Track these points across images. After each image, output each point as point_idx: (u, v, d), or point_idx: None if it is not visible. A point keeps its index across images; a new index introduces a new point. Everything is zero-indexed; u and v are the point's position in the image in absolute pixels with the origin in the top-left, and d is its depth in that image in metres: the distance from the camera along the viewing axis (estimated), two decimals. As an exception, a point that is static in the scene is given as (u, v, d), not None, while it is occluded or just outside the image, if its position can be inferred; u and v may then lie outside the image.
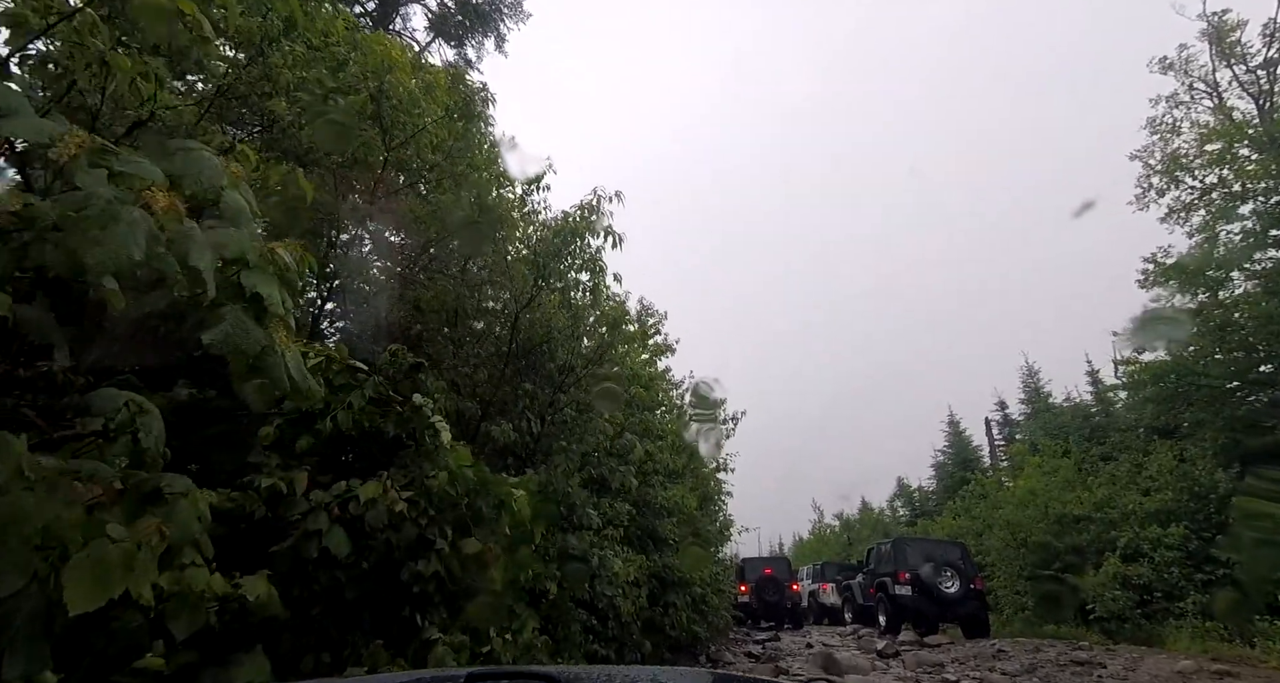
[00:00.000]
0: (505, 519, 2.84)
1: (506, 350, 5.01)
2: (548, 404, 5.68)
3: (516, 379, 5.56)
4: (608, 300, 5.48)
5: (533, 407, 5.42)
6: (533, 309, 5.02)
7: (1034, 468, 16.97)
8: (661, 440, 8.06)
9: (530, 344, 5.73)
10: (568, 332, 5.78)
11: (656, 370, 10.39)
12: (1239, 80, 15.90)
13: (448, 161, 4.34)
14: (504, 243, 4.75)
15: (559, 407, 5.63)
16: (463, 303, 4.62)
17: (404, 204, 4.13)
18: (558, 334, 5.60)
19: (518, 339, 5.25)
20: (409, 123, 3.90)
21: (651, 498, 8.35)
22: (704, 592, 9.88)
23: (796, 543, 50.15)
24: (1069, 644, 10.65)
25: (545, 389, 5.69)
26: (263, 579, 1.80)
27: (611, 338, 5.54)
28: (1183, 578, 10.95)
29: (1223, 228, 14.17)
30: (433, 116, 4.03)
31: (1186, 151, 15.87)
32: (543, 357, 5.60)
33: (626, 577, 5.11)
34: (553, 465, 4.50)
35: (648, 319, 15.14)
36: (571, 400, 5.26)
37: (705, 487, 12.99)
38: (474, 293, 4.86)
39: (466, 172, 4.50)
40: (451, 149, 4.31)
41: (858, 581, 17.82)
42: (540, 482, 4.47)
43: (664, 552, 9.15)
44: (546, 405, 5.68)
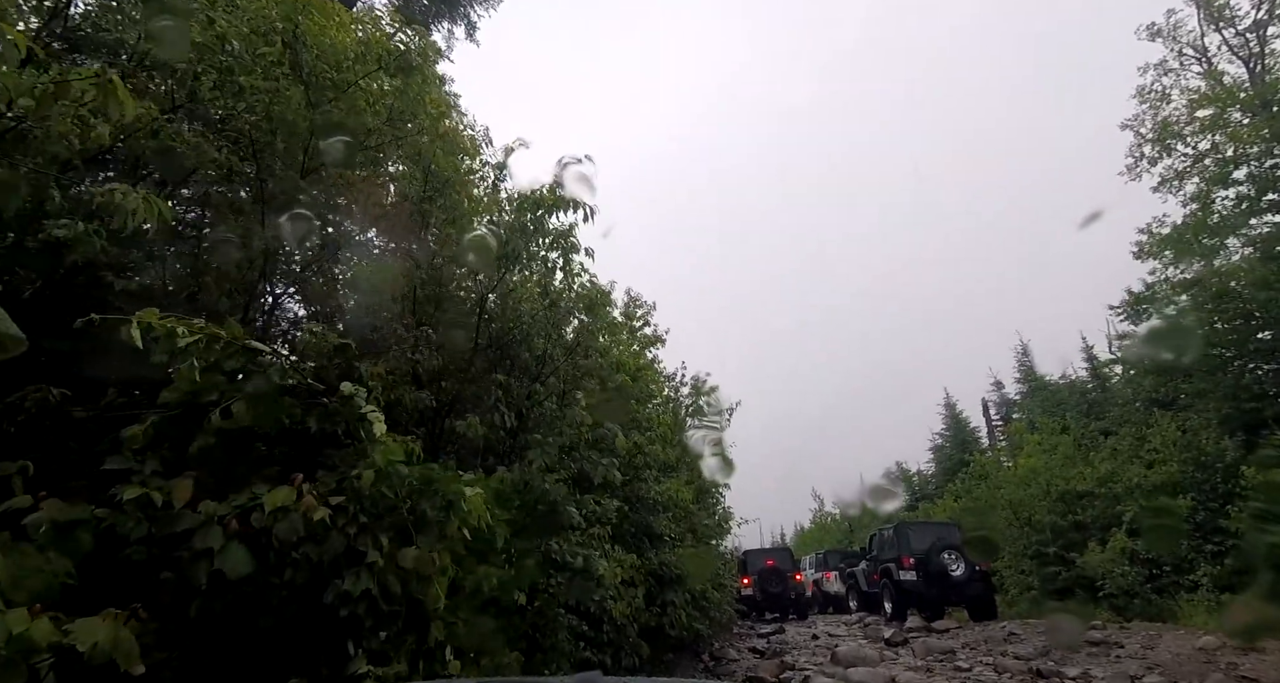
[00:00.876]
0: (454, 522, 2.43)
1: (474, 338, 4.60)
2: (524, 397, 5.28)
3: (488, 370, 5.15)
4: (579, 277, 5.08)
5: (507, 400, 5.02)
6: (502, 293, 4.61)
7: (1033, 446, 16.75)
8: (651, 432, 7.67)
9: (502, 332, 5.32)
10: (544, 318, 5.37)
11: (645, 361, 9.98)
12: (1228, 44, 15.62)
13: (389, 126, 3.89)
14: (464, 218, 4.31)
15: (537, 399, 5.23)
16: (419, 285, 4.20)
17: (338, 176, 3.70)
18: (531, 320, 5.18)
19: (487, 326, 4.84)
20: (337, 79, 3.46)
21: (644, 493, 7.97)
22: (704, 588, 9.53)
23: (798, 532, 50.05)
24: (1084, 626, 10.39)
25: (521, 381, 5.29)
26: (107, 621, 1.40)
27: (591, 321, 5.11)
28: (1192, 550, 10.71)
29: (1217, 193, 13.89)
30: (366, 71, 3.58)
31: (1177, 119, 15.58)
32: (517, 345, 5.19)
33: (614, 579, 4.72)
34: (527, 462, 4.09)
35: (636, 310, 14.83)
36: (550, 392, 4.86)
37: (702, 479, 12.67)
38: (432, 274, 4.43)
39: (413, 138, 4.05)
40: (392, 110, 3.86)
41: (861, 568, 17.57)
42: (514, 480, 4.07)
43: (660, 549, 8.78)
44: (523, 398, 5.28)
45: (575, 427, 4.61)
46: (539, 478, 4.05)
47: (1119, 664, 6.57)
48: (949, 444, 29.93)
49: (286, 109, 3.30)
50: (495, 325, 4.97)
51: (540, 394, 4.99)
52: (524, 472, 4.06)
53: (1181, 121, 15.44)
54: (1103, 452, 14.30)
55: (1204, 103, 14.94)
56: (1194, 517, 11.11)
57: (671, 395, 13.23)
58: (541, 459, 4.16)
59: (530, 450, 4.15)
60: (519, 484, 4.09)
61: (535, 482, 4.07)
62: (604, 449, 5.07)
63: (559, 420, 4.65)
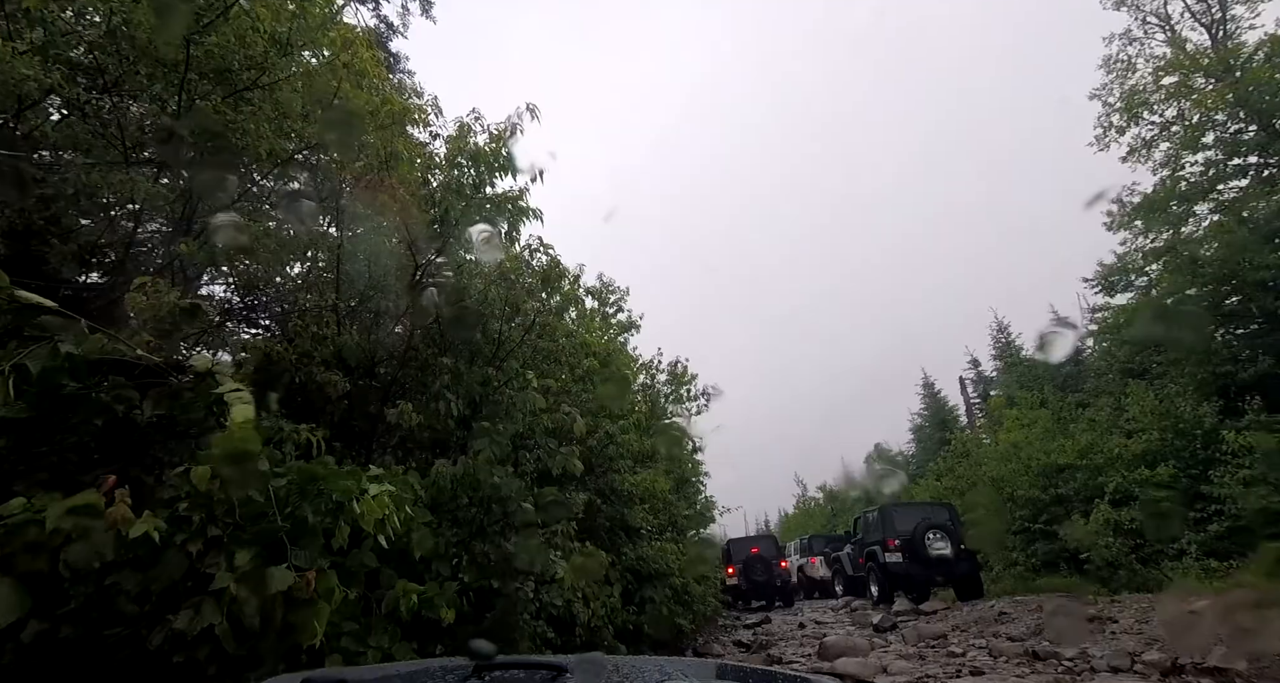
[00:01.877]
0: (344, 529, 1.91)
1: (410, 314, 4.04)
2: (479, 383, 4.74)
3: (438, 354, 4.59)
4: (539, 253, 4.52)
5: (456, 386, 4.47)
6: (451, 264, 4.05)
7: (1012, 421, 16.70)
8: (624, 420, 7.17)
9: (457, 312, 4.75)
10: (498, 296, 4.81)
11: (615, 345, 9.47)
12: (1190, 11, 15.59)
13: (280, 55, 3.26)
14: (387, 167, 3.71)
15: (494, 386, 4.69)
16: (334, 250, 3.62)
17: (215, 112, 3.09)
18: (483, 298, 4.63)
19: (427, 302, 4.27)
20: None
21: (617, 485, 7.49)
22: (685, 581, 9.10)
23: (782, 518, 50.25)
24: (1070, 598, 10.23)
25: (475, 365, 4.74)
26: None
27: (549, 298, 4.58)
28: (1175, 517, 10.64)
29: (1187, 158, 13.84)
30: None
31: (1144, 87, 15.52)
32: (466, 326, 4.64)
33: (577, 581, 4.23)
34: (473, 454, 3.57)
35: (609, 295, 14.30)
36: (508, 377, 4.33)
37: (681, 469, 12.25)
38: (352, 238, 3.85)
39: (311, 71, 3.45)
40: (279, 35, 3.22)
41: (846, 551, 17.40)
42: (454, 475, 3.54)
43: (637, 543, 8.32)
44: (478, 384, 4.73)
45: (529, 412, 4.08)
46: (486, 471, 3.53)
47: (1116, 641, 6.31)
48: (929, 424, 30.07)
49: (143, 29, 2.68)
50: (439, 301, 4.41)
51: (497, 380, 4.45)
52: (469, 465, 3.53)
53: (1148, 90, 15.40)
54: (1081, 423, 14.24)
55: (1168, 70, 14.89)
56: (1176, 484, 11.05)
57: (648, 383, 12.80)
58: (490, 450, 3.63)
59: (476, 440, 3.62)
60: (463, 479, 3.56)
61: (483, 476, 3.55)
62: (564, 436, 4.56)
63: (512, 407, 4.12)
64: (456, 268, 4.36)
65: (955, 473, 17.66)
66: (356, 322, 3.81)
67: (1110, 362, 17.73)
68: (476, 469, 3.51)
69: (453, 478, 3.45)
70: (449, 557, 3.81)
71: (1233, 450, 10.07)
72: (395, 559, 3.74)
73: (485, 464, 3.51)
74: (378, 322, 4.05)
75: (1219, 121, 14.04)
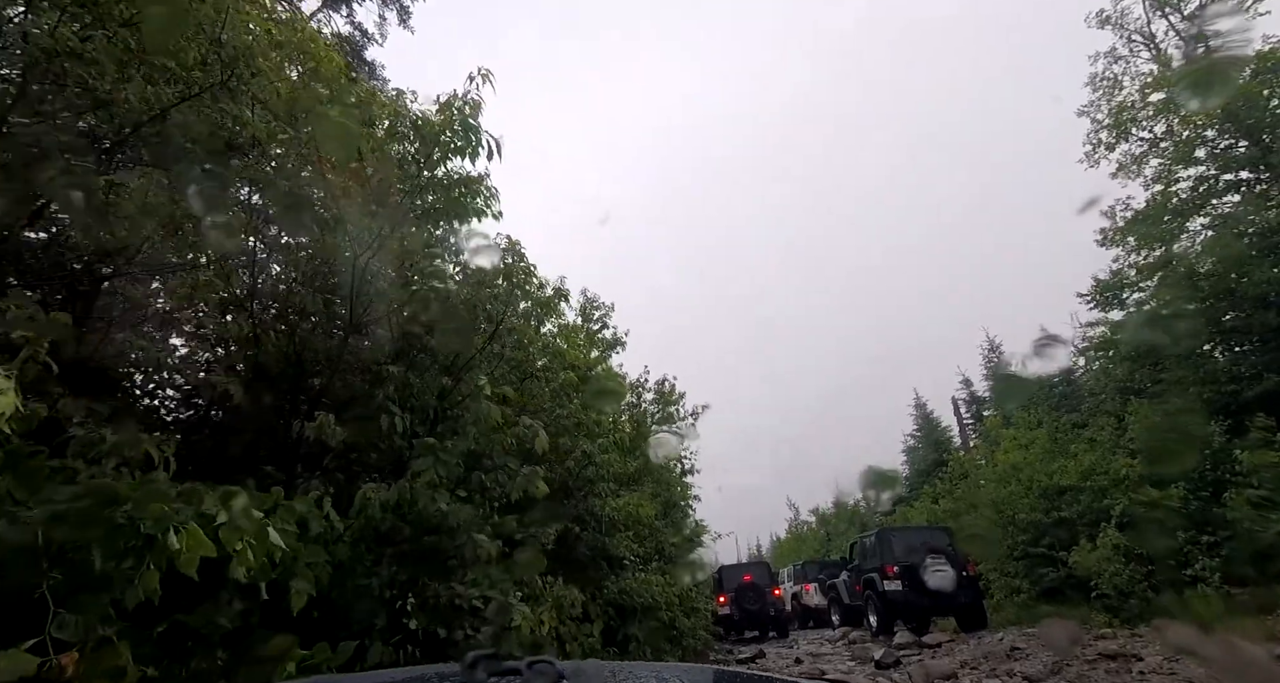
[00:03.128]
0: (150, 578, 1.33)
1: (348, 315, 3.48)
2: (436, 396, 4.16)
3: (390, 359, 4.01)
4: (483, 237, 4.02)
5: (404, 398, 3.90)
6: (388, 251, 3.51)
7: (1009, 441, 16.23)
8: (604, 439, 6.58)
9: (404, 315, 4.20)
10: (460, 295, 4.27)
11: (596, 359, 8.91)
12: (1175, 29, 15.66)
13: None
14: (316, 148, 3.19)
15: (453, 399, 4.13)
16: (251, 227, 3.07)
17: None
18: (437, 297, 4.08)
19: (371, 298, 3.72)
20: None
21: (597, 509, 6.87)
22: (672, 615, 8.42)
23: (775, 543, 49.25)
24: (1084, 631, 9.61)
25: (429, 375, 4.17)
26: None
27: (511, 294, 4.04)
28: (1187, 543, 10.12)
29: (1180, 172, 13.70)
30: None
31: (1132, 104, 15.50)
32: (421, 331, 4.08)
33: (539, 625, 3.61)
34: (411, 475, 2.99)
35: (593, 312, 13.78)
36: (470, 390, 3.76)
37: (669, 493, 11.60)
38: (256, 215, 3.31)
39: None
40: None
41: (843, 578, 16.68)
42: (384, 501, 2.95)
43: (620, 575, 7.66)
44: (433, 397, 4.16)
45: (483, 427, 3.51)
46: (427, 497, 2.94)
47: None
48: (921, 445, 29.56)
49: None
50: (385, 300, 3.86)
51: (457, 394, 3.88)
52: (404, 489, 2.94)
53: (1135, 106, 15.37)
54: (1081, 443, 13.77)
55: (1155, 86, 14.88)
56: (1186, 507, 10.55)
57: (634, 402, 12.22)
58: (434, 471, 3.04)
59: (418, 460, 3.04)
60: (400, 506, 2.97)
61: (424, 502, 2.96)
62: (527, 456, 3.97)
63: (463, 421, 3.55)
64: (406, 264, 3.82)
65: (954, 495, 17.08)
66: (283, 323, 3.25)
67: (1107, 380, 17.41)
68: (416, 494, 2.92)
69: (384, 505, 2.85)
70: (383, 600, 3.19)
71: (1246, 471, 9.62)
72: (321, 607, 3.11)
73: (425, 488, 2.92)
74: (308, 325, 3.49)
75: (1209, 137, 13.97)
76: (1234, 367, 11.83)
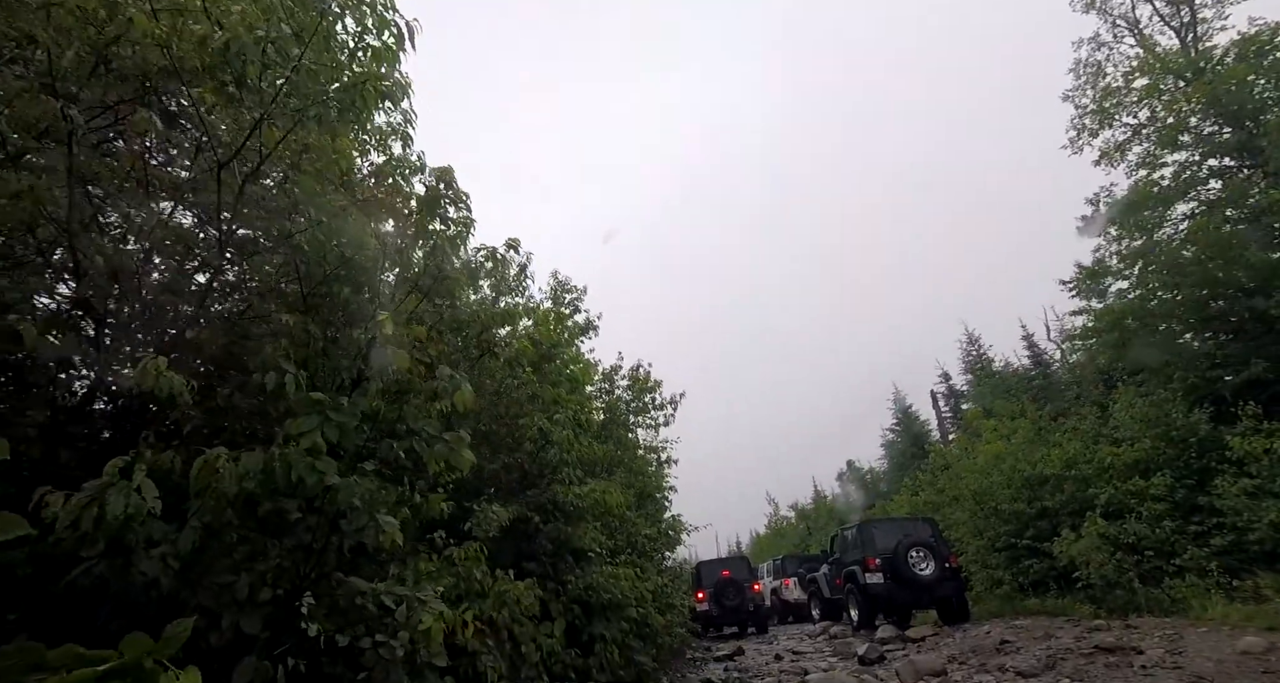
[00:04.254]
0: None
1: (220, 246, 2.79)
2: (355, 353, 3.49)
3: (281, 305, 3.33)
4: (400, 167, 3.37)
5: (294, 350, 3.23)
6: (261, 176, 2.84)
7: (990, 432, 15.98)
8: (562, 415, 5.93)
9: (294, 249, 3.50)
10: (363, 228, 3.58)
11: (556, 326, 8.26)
12: (1160, 14, 15.47)
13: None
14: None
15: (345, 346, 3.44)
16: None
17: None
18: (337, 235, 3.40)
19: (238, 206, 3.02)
20: None
21: (560, 498, 6.24)
22: (645, 612, 7.82)
23: (753, 539, 49.07)
24: (1073, 622, 9.27)
25: (333, 327, 3.50)
26: None
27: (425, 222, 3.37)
28: (1175, 532, 9.83)
29: (1166, 157, 13.48)
30: None
31: (1117, 89, 15.28)
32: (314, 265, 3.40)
33: (457, 625, 2.97)
34: (283, 439, 2.33)
35: (564, 295, 13.13)
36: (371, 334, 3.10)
37: (643, 482, 11.01)
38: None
39: None
40: None
41: (823, 572, 16.31)
42: (240, 472, 2.28)
43: (585, 569, 7.04)
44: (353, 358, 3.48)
45: (388, 379, 2.86)
46: (305, 466, 2.29)
47: (1152, 678, 5.28)
48: (901, 439, 29.43)
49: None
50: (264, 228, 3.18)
51: (363, 340, 3.21)
52: (273, 457, 2.29)
53: (1120, 92, 15.16)
54: (1065, 432, 13.51)
55: (1140, 71, 14.67)
56: (1172, 495, 10.28)
57: (606, 387, 11.59)
58: (318, 434, 2.39)
59: (299, 421, 2.38)
60: (268, 477, 2.31)
61: (303, 473, 2.31)
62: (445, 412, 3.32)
63: (356, 366, 2.89)
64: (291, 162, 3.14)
65: (936, 486, 16.78)
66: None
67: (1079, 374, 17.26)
68: (291, 462, 2.27)
69: (243, 478, 2.20)
70: (258, 602, 2.53)
71: (1237, 459, 9.34)
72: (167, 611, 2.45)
73: (302, 455, 2.27)
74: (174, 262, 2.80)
75: (1192, 125, 13.78)
76: (1218, 352, 11.60)
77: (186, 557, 2.41)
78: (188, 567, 2.51)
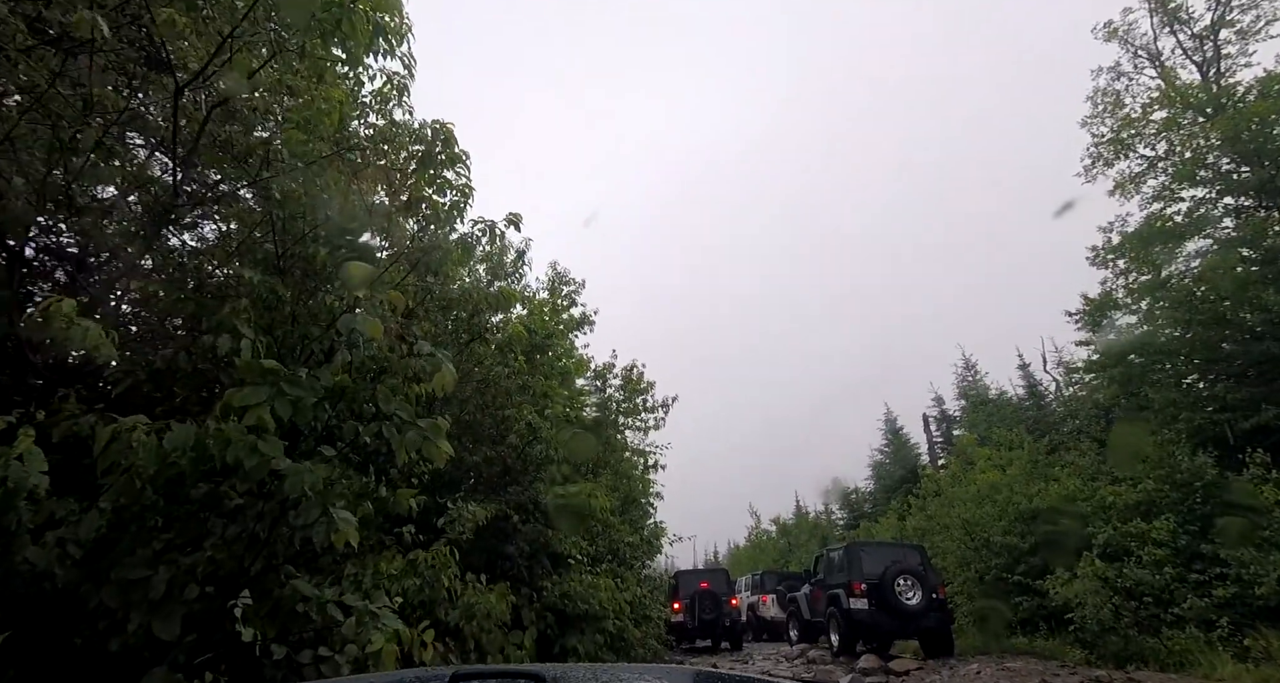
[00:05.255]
0: None
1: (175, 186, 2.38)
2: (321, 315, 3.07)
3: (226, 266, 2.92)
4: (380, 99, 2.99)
5: (272, 321, 2.81)
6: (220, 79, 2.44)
7: (984, 461, 15.66)
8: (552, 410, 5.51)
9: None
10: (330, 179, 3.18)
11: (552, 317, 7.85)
12: (1182, 48, 15.30)
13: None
14: None
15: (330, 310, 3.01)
16: None
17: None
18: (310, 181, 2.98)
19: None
20: None
21: (541, 497, 5.82)
22: (621, 625, 7.39)
23: (732, 551, 48.62)
24: (1068, 668, 8.90)
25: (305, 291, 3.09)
26: None
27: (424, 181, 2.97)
28: (1176, 579, 9.50)
29: (1184, 191, 13.25)
30: None
31: (1135, 121, 15.09)
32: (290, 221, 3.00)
33: (413, 645, 2.54)
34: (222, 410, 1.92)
35: (561, 288, 12.73)
36: (336, 299, 2.69)
37: (629, 486, 10.59)
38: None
39: None
40: None
41: (804, 592, 15.90)
42: (170, 448, 1.86)
43: (564, 576, 6.61)
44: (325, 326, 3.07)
45: (359, 352, 2.44)
46: (244, 446, 1.87)
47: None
48: (890, 461, 29.13)
49: None
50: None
51: (338, 308, 2.80)
52: (206, 432, 1.87)
53: (1139, 123, 14.97)
54: (1067, 467, 13.20)
55: (1161, 103, 14.48)
56: (1175, 541, 9.95)
57: (599, 384, 11.19)
58: (268, 410, 1.97)
59: (243, 391, 1.96)
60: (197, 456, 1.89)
61: (241, 454, 1.88)
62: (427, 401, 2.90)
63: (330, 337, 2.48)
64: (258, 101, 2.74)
65: (926, 512, 16.44)
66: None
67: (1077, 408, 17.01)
68: (230, 440, 1.85)
69: (169, 453, 1.77)
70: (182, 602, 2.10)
71: (1247, 506, 9.02)
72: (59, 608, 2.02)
73: (242, 432, 1.85)
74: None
75: (1209, 161, 13.59)
76: (1227, 395, 11.33)
77: (88, 545, 1.99)
78: (92, 557, 2.09)
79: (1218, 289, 11.74)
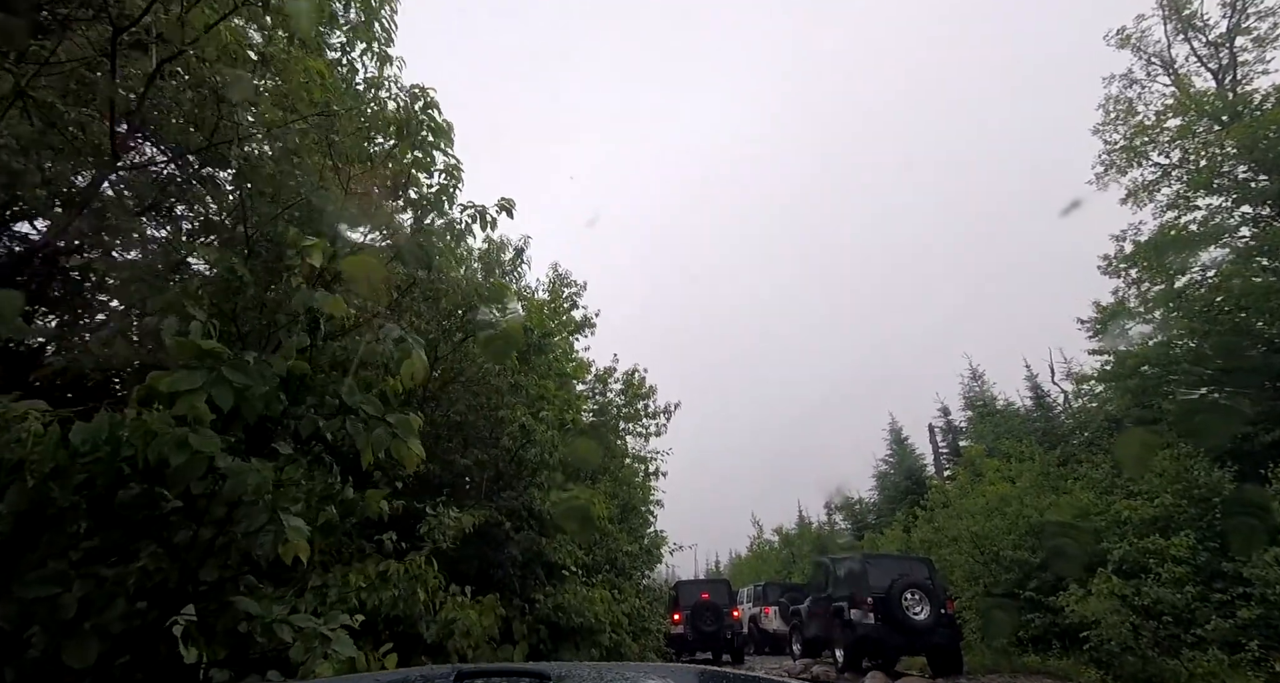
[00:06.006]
0: None
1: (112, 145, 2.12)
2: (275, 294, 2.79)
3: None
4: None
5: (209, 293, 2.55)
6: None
7: (993, 473, 15.28)
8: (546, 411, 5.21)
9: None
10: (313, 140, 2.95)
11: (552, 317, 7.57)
12: (1197, 55, 15.07)
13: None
14: None
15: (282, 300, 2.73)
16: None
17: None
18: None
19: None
20: None
21: (535, 504, 5.52)
22: (618, 638, 7.06)
23: (733, 561, 48.06)
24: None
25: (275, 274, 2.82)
26: None
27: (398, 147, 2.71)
28: (1196, 598, 9.13)
29: (1200, 200, 12.97)
30: None
31: (1149, 127, 14.84)
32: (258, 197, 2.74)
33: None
34: (144, 395, 1.64)
35: (563, 289, 12.47)
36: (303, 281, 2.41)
37: (629, 493, 10.26)
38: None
39: None
40: None
41: (807, 605, 15.49)
42: (84, 440, 1.58)
43: (558, 587, 6.29)
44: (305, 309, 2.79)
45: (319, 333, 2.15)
46: (170, 441, 1.58)
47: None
48: (894, 471, 28.70)
49: None
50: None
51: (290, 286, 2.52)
52: (124, 420, 1.60)
53: (1152, 131, 14.72)
54: (1081, 480, 12.83)
55: (1175, 110, 14.24)
56: (1194, 559, 9.57)
57: (599, 388, 10.90)
58: (200, 395, 1.68)
59: (167, 374, 1.68)
60: (106, 450, 1.61)
61: (165, 450, 1.60)
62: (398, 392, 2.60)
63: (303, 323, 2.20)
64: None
65: (933, 524, 16.04)
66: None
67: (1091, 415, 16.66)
68: (155, 433, 1.56)
69: (75, 449, 1.49)
70: (105, 621, 1.81)
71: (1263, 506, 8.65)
72: None
73: (168, 424, 1.57)
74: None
75: (1225, 170, 13.31)
76: (1250, 407, 10.98)
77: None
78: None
79: (1237, 299, 11.43)
